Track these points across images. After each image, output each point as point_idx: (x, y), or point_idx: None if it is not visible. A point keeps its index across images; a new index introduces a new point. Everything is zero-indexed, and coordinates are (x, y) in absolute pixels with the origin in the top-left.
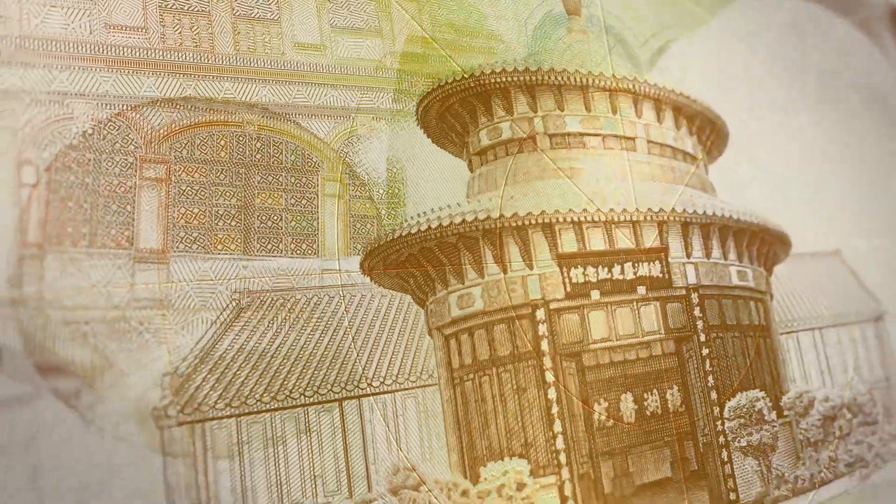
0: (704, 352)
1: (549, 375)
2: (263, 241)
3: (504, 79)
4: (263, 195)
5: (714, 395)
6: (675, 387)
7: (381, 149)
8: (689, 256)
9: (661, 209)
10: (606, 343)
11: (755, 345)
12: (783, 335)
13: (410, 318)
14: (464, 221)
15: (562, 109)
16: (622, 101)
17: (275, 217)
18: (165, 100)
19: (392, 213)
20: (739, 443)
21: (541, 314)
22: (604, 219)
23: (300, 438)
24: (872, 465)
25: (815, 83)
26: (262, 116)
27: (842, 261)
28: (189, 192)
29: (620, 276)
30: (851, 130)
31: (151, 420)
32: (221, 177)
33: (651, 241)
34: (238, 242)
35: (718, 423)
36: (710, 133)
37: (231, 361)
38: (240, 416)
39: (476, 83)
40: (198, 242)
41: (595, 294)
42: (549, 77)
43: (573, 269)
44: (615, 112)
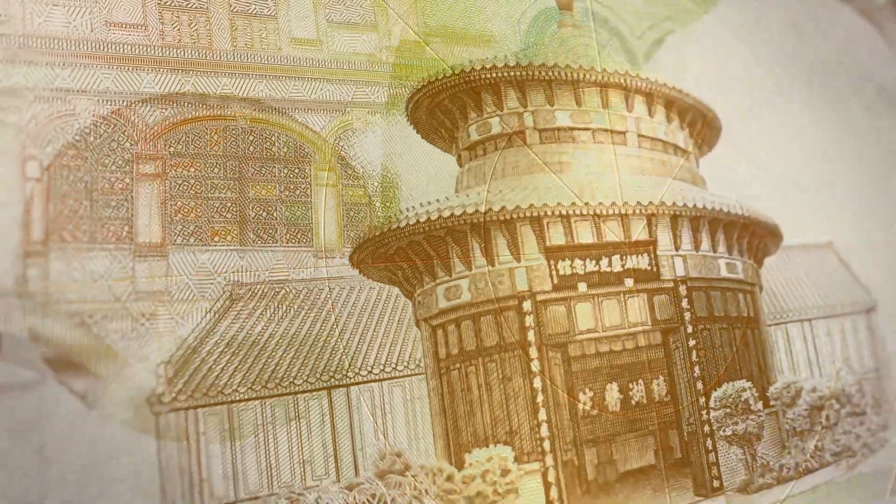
0: (691, 343)
1: (535, 365)
2: (259, 232)
3: (494, 74)
4: (257, 187)
5: (700, 386)
6: (661, 377)
7: (376, 142)
8: (678, 249)
9: (651, 202)
10: (592, 334)
11: (743, 336)
12: (773, 326)
13: (398, 310)
14: (452, 216)
15: (552, 104)
16: (613, 96)
17: (269, 208)
18: (160, 96)
19: (387, 205)
20: (724, 432)
21: (527, 305)
22: (592, 212)
23: (290, 425)
24: (860, 455)
25: (815, 78)
26: (254, 109)
27: (834, 252)
28: (185, 187)
29: (608, 269)
30: (852, 129)
31: (147, 407)
32: (216, 170)
33: (639, 234)
34: (234, 234)
35: (704, 413)
36: (702, 127)
37: (223, 350)
38: (231, 403)
39: (466, 79)
40: (195, 235)
41: (582, 286)
42: (540, 72)
43: (560, 262)
44: (606, 106)
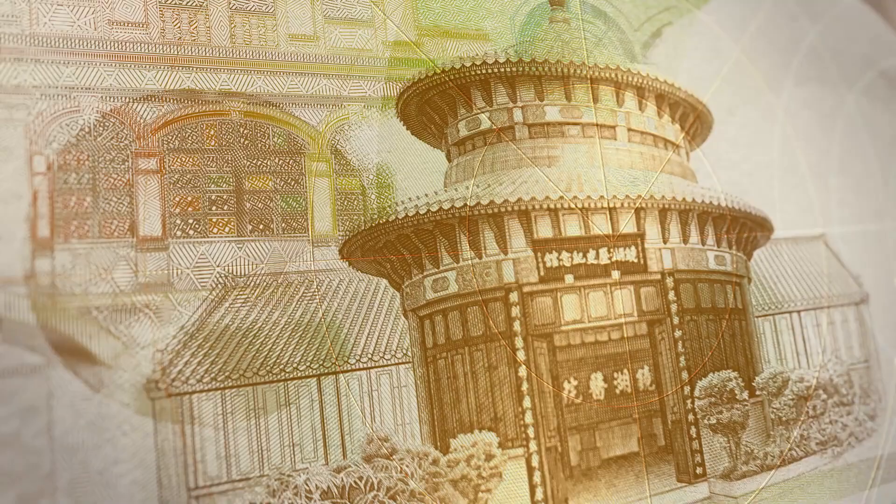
0: (677, 334)
1: (521, 355)
2: (255, 223)
3: (484, 71)
4: (252, 178)
5: (685, 375)
6: (647, 367)
7: (372, 135)
8: (666, 242)
9: (639, 196)
10: (578, 325)
11: (730, 327)
12: (762, 317)
13: (386, 301)
14: (440, 210)
15: (542, 99)
16: (603, 90)
17: (265, 199)
18: (161, 93)
19: (382, 197)
20: (709, 420)
21: (514, 297)
22: (580, 206)
23: (280, 410)
24: (846, 444)
25: (808, 66)
26: (247, 104)
27: (825, 245)
28: (182, 181)
29: (595, 261)
30: (847, 117)
31: (144, 392)
32: (212, 164)
33: (627, 228)
34: (232, 225)
35: (688, 402)
36: (694, 120)
37: (217, 339)
38: (224, 390)
39: (455, 76)
40: (194, 228)
41: (569, 278)
42: (530, 68)
43: (548, 254)
44: (596, 101)
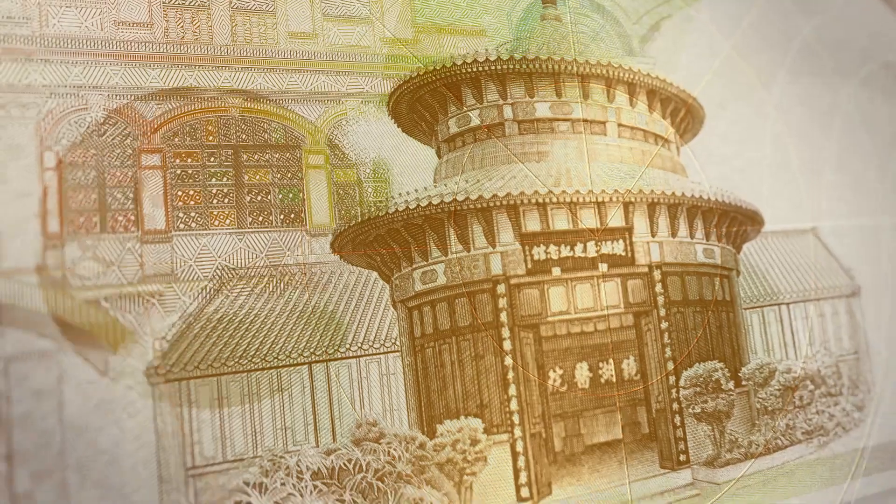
0: (663, 325)
1: (507, 345)
2: (255, 215)
3: (475, 69)
4: (251, 172)
5: (670, 365)
6: (632, 357)
7: (369, 131)
8: (654, 235)
9: (628, 190)
10: (564, 316)
11: (717, 319)
12: (750, 309)
13: (376, 292)
14: (430, 205)
15: (532, 96)
16: (594, 86)
17: (264, 192)
18: (165, 91)
19: (378, 191)
20: (693, 409)
21: (501, 289)
22: (568, 200)
23: (273, 396)
24: (833, 434)
25: (803, 59)
26: (246, 100)
27: (817, 238)
28: (184, 176)
29: (583, 254)
30: (843, 111)
31: (145, 378)
32: (212, 159)
33: (616, 222)
34: (232, 218)
35: (673, 391)
36: (685, 115)
37: (213, 328)
38: (220, 376)
39: (446, 75)
40: (196, 221)
41: (556, 270)
42: (520, 65)
43: (535, 248)
44: (586, 97)
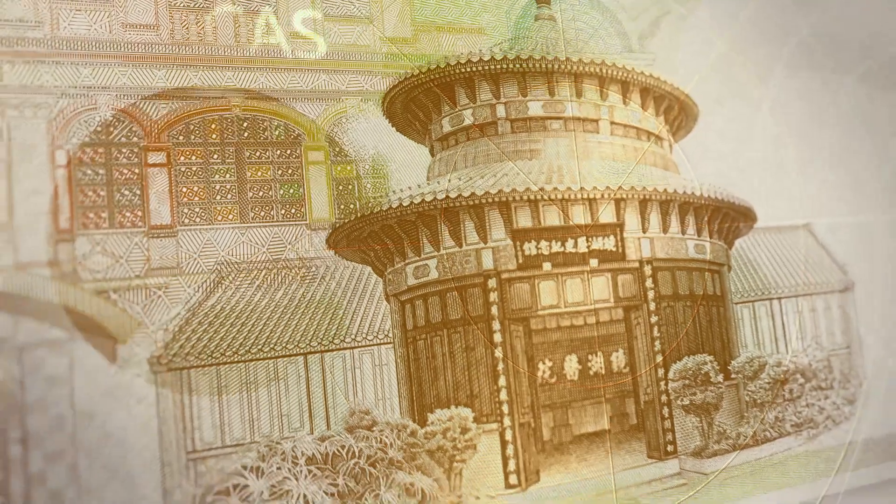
0: (653, 319)
1: (497, 337)
2: (257, 210)
3: (469, 69)
4: (254, 169)
5: (659, 358)
6: (621, 350)
7: (368, 128)
8: (646, 231)
9: (620, 187)
10: (554, 310)
11: (707, 313)
12: (741, 304)
13: (370, 286)
14: (423, 202)
15: (525, 95)
16: (587, 85)
17: (265, 188)
18: (171, 91)
19: (376, 185)
20: (682, 401)
21: (492, 283)
22: (559, 197)
23: (270, 384)
24: (822, 427)
25: (800, 55)
26: (247, 98)
27: (810, 234)
28: (189, 173)
29: (573, 250)
30: (839, 107)
31: (148, 367)
32: (216, 156)
33: (607, 218)
34: (235, 213)
35: (662, 384)
36: (679, 112)
37: (212, 320)
38: (219, 365)
39: (440, 75)
40: (200, 216)
41: (547, 265)
42: (513, 65)
43: (526, 243)
44: (579, 96)
